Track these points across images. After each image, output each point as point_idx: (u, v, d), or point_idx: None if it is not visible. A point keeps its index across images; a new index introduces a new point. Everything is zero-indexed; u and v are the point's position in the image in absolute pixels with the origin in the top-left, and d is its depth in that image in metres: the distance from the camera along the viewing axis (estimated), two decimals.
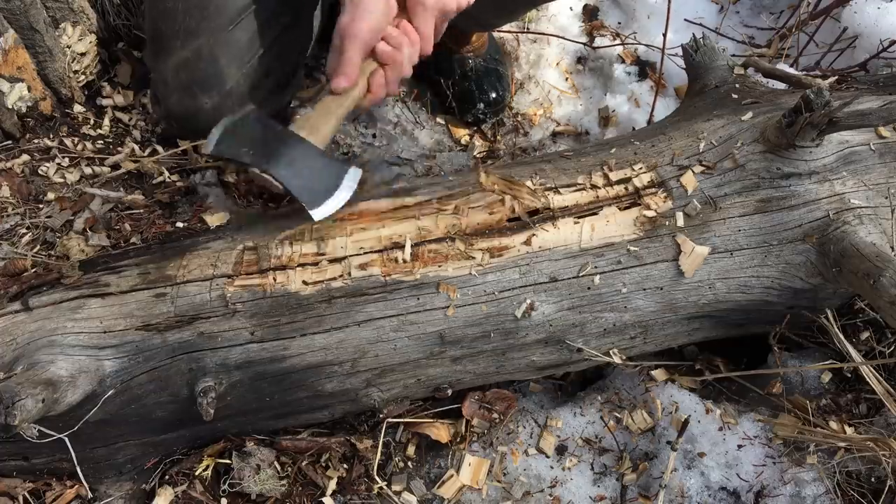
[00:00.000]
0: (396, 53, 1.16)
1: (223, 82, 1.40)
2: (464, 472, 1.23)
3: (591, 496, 1.21)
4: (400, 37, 1.16)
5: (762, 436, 1.22)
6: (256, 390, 1.14)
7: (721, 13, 2.11)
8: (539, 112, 1.98)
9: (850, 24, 1.86)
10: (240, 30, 1.39)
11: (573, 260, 1.14)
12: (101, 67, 1.72)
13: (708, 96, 1.38)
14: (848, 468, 1.17)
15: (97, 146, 1.62)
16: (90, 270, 1.16)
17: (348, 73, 1.14)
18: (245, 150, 1.13)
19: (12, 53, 1.46)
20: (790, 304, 1.22)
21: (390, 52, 1.16)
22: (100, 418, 1.09)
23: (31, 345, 1.08)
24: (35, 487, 1.18)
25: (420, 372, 1.17)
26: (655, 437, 1.25)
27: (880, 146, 1.20)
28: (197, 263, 1.15)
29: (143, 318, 1.10)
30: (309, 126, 1.16)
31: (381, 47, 1.15)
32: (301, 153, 1.14)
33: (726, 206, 1.16)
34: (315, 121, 1.16)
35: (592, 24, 2.10)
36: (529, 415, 1.31)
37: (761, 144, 1.17)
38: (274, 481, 1.20)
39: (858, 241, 1.10)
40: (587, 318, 1.15)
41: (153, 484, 1.22)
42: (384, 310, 1.11)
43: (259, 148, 1.13)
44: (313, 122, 1.16)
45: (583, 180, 1.20)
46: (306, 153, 1.14)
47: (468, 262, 1.12)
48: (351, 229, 1.16)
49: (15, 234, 1.41)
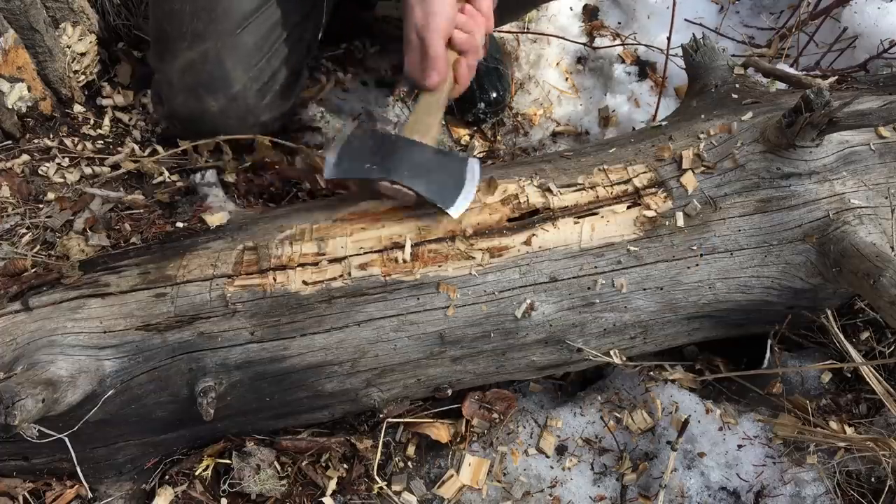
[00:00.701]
0: (472, 39, 1.19)
1: (230, 85, 1.41)
2: (464, 472, 1.23)
3: (591, 496, 1.21)
4: (470, 22, 1.18)
5: (762, 436, 1.22)
6: (256, 390, 1.14)
7: (721, 13, 2.11)
8: (539, 112, 1.98)
9: (850, 24, 1.86)
10: (247, 33, 1.40)
11: (573, 260, 1.14)
12: (101, 67, 1.72)
13: (708, 96, 1.38)
14: (848, 468, 1.17)
15: (97, 146, 1.62)
16: (90, 270, 1.16)
17: (439, 68, 1.16)
18: (367, 166, 1.14)
19: (12, 53, 1.46)
20: (790, 304, 1.22)
21: (466, 39, 1.19)
22: (100, 418, 1.09)
23: (31, 345, 1.08)
24: (35, 487, 1.18)
25: (420, 372, 1.17)
26: (655, 437, 1.25)
27: (880, 146, 1.20)
28: (197, 263, 1.15)
29: (143, 318, 1.10)
30: (419, 129, 1.18)
31: (458, 36, 1.18)
32: (421, 156, 1.15)
33: (726, 206, 1.16)
34: (422, 123, 1.19)
35: (592, 24, 2.10)
36: (529, 415, 1.31)
37: (761, 144, 1.17)
38: (274, 481, 1.20)
39: (858, 241, 1.09)
40: (587, 318, 1.15)
41: (153, 484, 1.22)
42: (384, 310, 1.11)
43: (379, 161, 1.14)
44: (421, 124, 1.19)
45: (583, 180, 1.20)
46: (426, 155, 1.16)
47: (468, 262, 1.12)
48: (351, 229, 1.16)
49: (15, 234, 1.41)
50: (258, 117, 1.48)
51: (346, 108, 1.93)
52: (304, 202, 1.47)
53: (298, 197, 1.55)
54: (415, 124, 1.19)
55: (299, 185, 1.55)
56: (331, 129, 1.87)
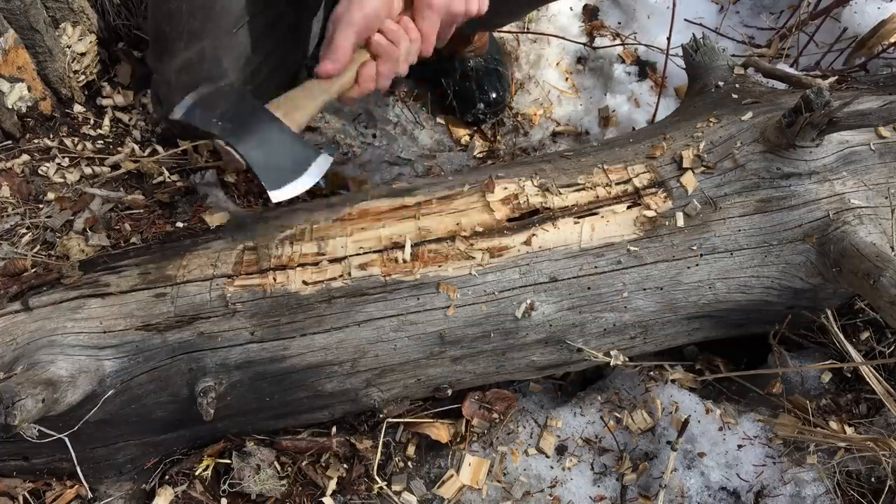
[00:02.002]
0: (391, 47, 1.14)
1: None
2: (464, 472, 1.23)
3: (591, 496, 1.21)
4: (398, 31, 1.13)
5: (762, 436, 1.22)
6: (256, 390, 1.14)
7: (721, 13, 2.11)
8: (539, 112, 1.98)
9: (850, 24, 1.85)
10: (244, 32, 1.39)
11: (573, 260, 1.14)
12: (101, 67, 1.72)
13: (708, 96, 1.38)
14: (848, 468, 1.17)
15: (97, 146, 1.62)
16: (90, 270, 1.16)
17: (336, 59, 1.11)
18: (215, 120, 1.09)
19: (12, 53, 1.46)
20: (790, 304, 1.22)
21: (385, 45, 1.14)
22: (100, 418, 1.09)
23: (31, 345, 1.08)
24: (35, 487, 1.18)
25: (420, 372, 1.17)
26: (655, 437, 1.25)
27: (880, 146, 1.20)
28: (197, 263, 1.15)
29: (143, 318, 1.10)
30: (287, 106, 1.13)
31: (377, 38, 1.13)
32: (271, 132, 1.10)
33: (726, 206, 1.16)
34: (294, 102, 1.13)
35: (592, 24, 2.10)
36: (529, 415, 1.31)
37: (761, 144, 1.17)
38: (274, 481, 1.20)
39: (858, 241, 1.09)
40: (587, 318, 1.15)
41: (153, 484, 1.22)
42: (384, 310, 1.11)
43: (229, 121, 1.09)
44: (292, 103, 1.13)
45: (583, 180, 1.20)
46: (276, 132, 1.10)
47: (468, 262, 1.12)
48: (351, 229, 1.16)
49: (15, 234, 1.41)
50: None
51: (346, 108, 1.93)
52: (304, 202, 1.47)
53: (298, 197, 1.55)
54: (286, 101, 1.13)
55: None
56: (331, 130, 1.87)
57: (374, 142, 1.88)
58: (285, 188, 1.09)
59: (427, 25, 1.15)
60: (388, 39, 1.13)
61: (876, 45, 1.75)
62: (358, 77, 1.16)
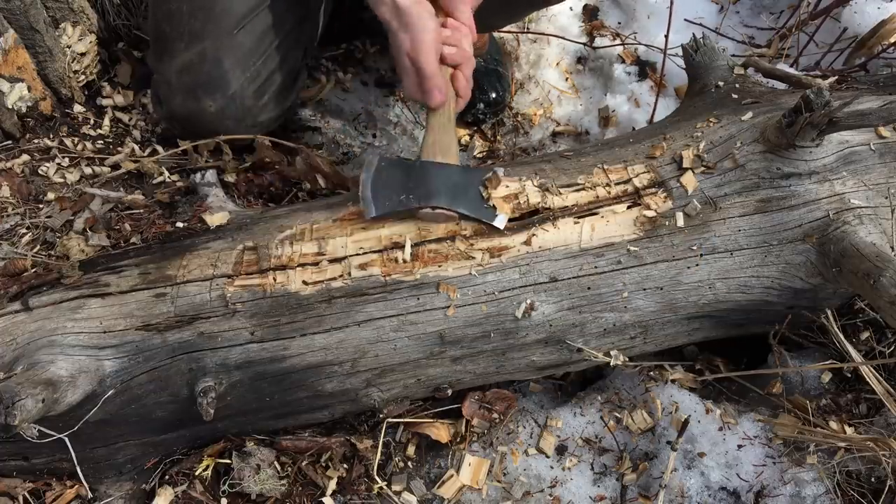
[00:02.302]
0: (461, 50, 1.20)
1: (227, 85, 1.40)
2: (464, 472, 1.23)
3: (591, 496, 1.21)
4: (455, 34, 1.19)
5: (762, 436, 1.22)
6: (256, 390, 1.14)
7: (721, 13, 2.11)
8: (539, 112, 1.98)
9: (850, 24, 1.86)
10: (245, 33, 1.40)
11: (573, 260, 1.14)
12: (101, 67, 1.72)
13: (708, 96, 1.38)
14: (848, 468, 1.17)
15: (97, 146, 1.62)
16: (90, 270, 1.16)
17: (439, 86, 1.17)
18: (404, 197, 1.14)
19: (12, 53, 1.46)
20: (790, 304, 1.22)
21: (457, 52, 1.20)
22: (100, 418, 1.09)
23: (31, 345, 1.08)
24: (35, 487, 1.18)
25: (420, 372, 1.17)
26: (655, 437, 1.25)
27: (880, 146, 1.20)
28: (197, 263, 1.15)
29: (143, 318, 1.10)
30: (438, 150, 1.18)
31: (448, 51, 1.19)
32: (452, 177, 1.16)
33: (726, 206, 1.16)
34: (440, 144, 1.19)
35: (592, 24, 2.10)
36: (529, 415, 1.31)
37: (761, 144, 1.17)
38: (274, 481, 1.20)
39: (858, 241, 1.09)
40: (587, 318, 1.15)
41: (153, 484, 1.22)
42: (384, 310, 1.11)
43: (414, 189, 1.14)
44: (439, 145, 1.19)
45: (583, 180, 1.20)
46: (455, 175, 1.17)
47: (468, 262, 1.12)
48: (351, 229, 1.16)
49: (15, 234, 1.41)
50: (256, 118, 1.48)
51: (346, 108, 1.93)
52: (304, 202, 1.47)
53: (298, 197, 1.55)
54: (433, 145, 1.19)
55: (299, 185, 1.55)
56: (331, 130, 1.87)
57: (374, 142, 1.88)
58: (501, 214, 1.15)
59: (467, 17, 1.21)
60: (453, 46, 1.19)
61: (876, 45, 1.76)
62: (456, 89, 1.23)
